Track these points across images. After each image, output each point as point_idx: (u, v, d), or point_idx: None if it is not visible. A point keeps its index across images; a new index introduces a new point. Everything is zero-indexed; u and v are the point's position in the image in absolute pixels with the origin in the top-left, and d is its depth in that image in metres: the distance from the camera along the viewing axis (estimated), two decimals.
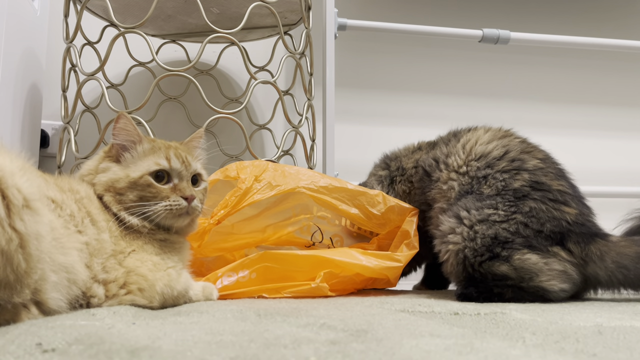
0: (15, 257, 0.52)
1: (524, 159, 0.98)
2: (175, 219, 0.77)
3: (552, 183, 0.95)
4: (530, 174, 0.95)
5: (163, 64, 1.20)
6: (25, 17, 1.32)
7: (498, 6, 2.05)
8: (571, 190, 0.97)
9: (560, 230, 0.91)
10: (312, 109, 1.49)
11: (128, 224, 0.74)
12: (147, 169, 0.76)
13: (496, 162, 0.98)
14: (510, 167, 0.97)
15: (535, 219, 0.91)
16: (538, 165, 0.97)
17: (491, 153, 1.00)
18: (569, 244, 0.91)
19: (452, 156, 1.04)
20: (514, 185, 0.94)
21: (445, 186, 1.02)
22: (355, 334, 0.52)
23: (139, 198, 0.75)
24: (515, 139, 1.03)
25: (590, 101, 2.09)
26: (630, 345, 0.50)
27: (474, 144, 1.03)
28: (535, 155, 0.99)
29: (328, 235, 1.10)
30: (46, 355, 0.41)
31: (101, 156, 0.80)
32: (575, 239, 0.91)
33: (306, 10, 1.44)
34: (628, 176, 2.06)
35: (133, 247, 0.74)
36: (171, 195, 0.76)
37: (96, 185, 0.76)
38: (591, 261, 0.90)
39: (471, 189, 0.98)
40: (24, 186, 0.54)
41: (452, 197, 1.00)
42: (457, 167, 1.02)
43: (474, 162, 1.00)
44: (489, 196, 0.95)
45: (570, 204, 0.94)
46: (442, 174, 1.04)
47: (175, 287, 0.74)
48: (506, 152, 0.99)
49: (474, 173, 0.99)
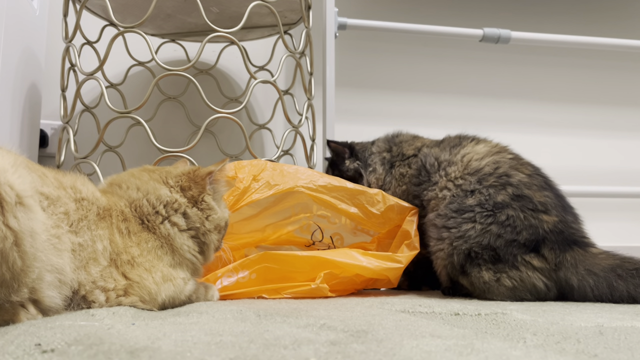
0: (10, 255, 0.52)
1: (510, 175, 1.01)
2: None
3: (535, 194, 0.99)
4: (514, 188, 0.99)
5: (162, 63, 1.20)
6: (25, 16, 1.32)
7: (499, 6, 2.05)
8: (556, 200, 1.00)
9: (536, 237, 0.95)
10: (312, 109, 1.48)
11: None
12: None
13: (486, 178, 1.02)
14: (497, 183, 1.01)
15: (510, 228, 0.95)
16: (523, 180, 1.00)
17: (483, 169, 1.03)
18: (543, 250, 0.94)
19: (453, 166, 1.07)
20: (497, 199, 0.98)
21: (440, 193, 1.06)
22: (356, 335, 0.52)
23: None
24: (507, 155, 1.06)
25: (591, 101, 2.09)
26: (631, 346, 0.50)
27: (471, 158, 1.07)
28: (522, 171, 1.02)
29: (328, 234, 1.09)
30: (45, 356, 0.41)
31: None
32: (550, 245, 0.94)
33: (306, 10, 1.44)
34: (628, 176, 2.06)
35: (147, 256, 0.73)
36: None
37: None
38: (564, 267, 0.93)
39: (458, 200, 1.02)
40: (16, 183, 0.54)
41: (442, 206, 1.04)
42: (454, 178, 1.06)
43: (469, 176, 1.04)
44: (470, 207, 0.99)
45: (551, 213, 0.97)
46: (442, 180, 1.07)
47: (178, 297, 0.74)
48: (496, 168, 1.03)
49: (467, 187, 1.02)
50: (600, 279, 0.91)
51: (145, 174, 0.82)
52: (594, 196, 1.90)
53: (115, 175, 0.83)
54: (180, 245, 0.77)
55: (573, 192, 1.82)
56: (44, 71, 1.52)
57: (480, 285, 0.96)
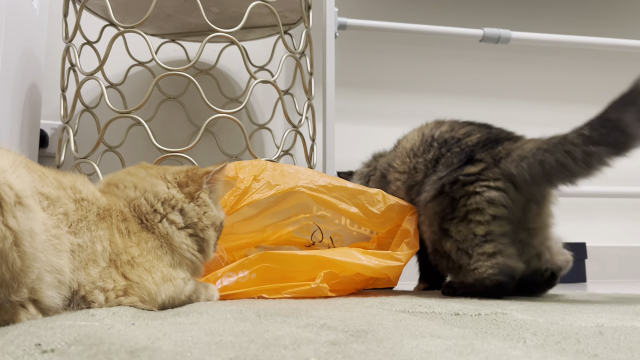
0: (10, 255, 0.52)
1: (433, 135, 1.09)
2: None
3: (456, 133, 1.06)
4: (438, 142, 1.07)
5: (162, 63, 1.20)
6: (25, 16, 1.32)
7: (499, 5, 2.05)
8: (477, 126, 1.07)
9: (466, 155, 1.01)
10: (312, 109, 1.48)
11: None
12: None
13: (418, 149, 1.10)
14: (425, 146, 1.09)
15: (443, 167, 1.02)
16: (443, 132, 1.08)
17: (414, 144, 1.12)
18: (476, 156, 1.00)
19: (397, 159, 1.16)
20: (429, 156, 1.07)
21: (394, 186, 1.15)
22: (356, 335, 0.52)
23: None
24: (430, 124, 1.15)
25: (591, 101, 2.08)
26: (631, 346, 0.50)
27: (405, 143, 1.16)
28: (441, 128, 1.10)
29: (328, 234, 1.09)
30: (45, 356, 0.41)
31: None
32: (481, 150, 1.00)
33: (306, 10, 1.44)
34: (628, 176, 2.06)
35: (147, 256, 0.73)
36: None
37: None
38: (501, 159, 0.97)
39: (410, 181, 1.10)
40: (16, 182, 0.54)
41: (401, 194, 1.12)
42: (399, 166, 1.15)
43: (407, 158, 1.12)
44: (418, 181, 1.08)
45: (474, 134, 1.04)
46: (393, 176, 1.16)
47: (178, 297, 0.74)
48: (422, 136, 1.11)
49: (408, 168, 1.11)
50: (531, 159, 0.93)
51: (142, 170, 0.82)
52: (593, 196, 1.90)
53: (111, 175, 0.82)
54: (179, 244, 0.77)
55: (573, 192, 1.82)
56: (44, 71, 1.52)
57: (463, 233, 0.97)
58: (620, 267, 1.98)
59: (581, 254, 1.73)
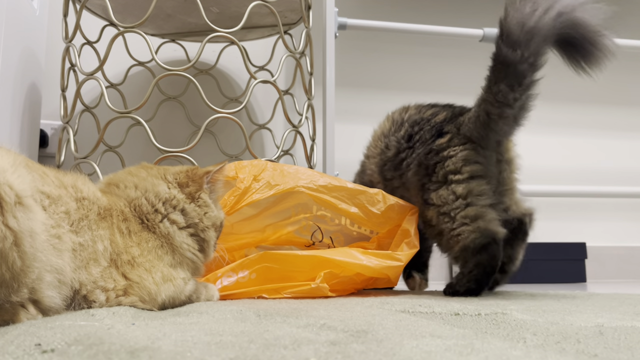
0: (10, 255, 0.52)
1: (403, 118, 1.15)
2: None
3: (425, 114, 1.12)
4: (409, 123, 1.13)
5: (162, 63, 1.20)
6: (25, 16, 1.32)
7: (499, 6, 2.05)
8: (442, 107, 1.14)
9: (436, 130, 1.07)
10: (312, 109, 1.48)
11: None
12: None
13: (389, 131, 1.16)
14: (396, 127, 1.15)
15: (419, 144, 1.08)
16: (413, 116, 1.14)
17: (384, 129, 1.18)
18: (444, 129, 1.07)
19: (370, 147, 1.22)
20: (400, 134, 1.12)
21: (369, 171, 1.20)
22: (356, 335, 0.52)
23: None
24: (397, 110, 1.20)
25: (591, 101, 2.09)
26: (631, 346, 0.50)
27: (377, 130, 1.22)
28: (409, 112, 1.16)
29: (328, 234, 1.09)
30: (45, 356, 0.41)
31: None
32: (449, 124, 1.08)
33: (306, 10, 1.44)
34: (628, 176, 2.06)
35: (148, 256, 0.73)
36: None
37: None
38: (461, 126, 1.06)
39: (382, 159, 1.15)
40: (16, 182, 0.54)
41: (376, 183, 1.18)
42: (372, 152, 1.20)
43: (379, 141, 1.18)
44: (389, 158, 1.13)
45: (439, 114, 1.10)
46: (367, 164, 1.21)
47: (178, 297, 0.74)
48: (393, 120, 1.17)
49: (380, 149, 1.16)
50: (473, 118, 1.05)
51: (143, 170, 0.82)
52: (593, 196, 1.90)
53: (112, 175, 0.82)
54: (180, 243, 0.77)
55: (573, 192, 1.83)
56: (44, 71, 1.52)
57: (443, 197, 1.02)
58: (620, 267, 1.98)
59: (581, 254, 1.73)
